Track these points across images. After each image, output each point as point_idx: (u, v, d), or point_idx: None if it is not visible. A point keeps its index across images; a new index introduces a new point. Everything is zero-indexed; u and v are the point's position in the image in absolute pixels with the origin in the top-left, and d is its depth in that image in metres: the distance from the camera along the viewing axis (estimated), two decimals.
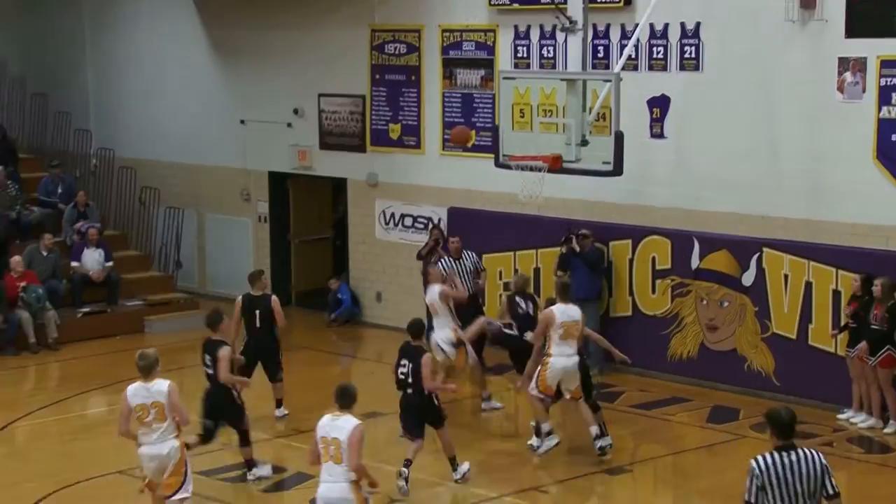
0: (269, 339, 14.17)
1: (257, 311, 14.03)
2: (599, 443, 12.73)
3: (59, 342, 17.97)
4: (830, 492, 7.92)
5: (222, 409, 12.25)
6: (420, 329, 12.29)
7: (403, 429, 12.35)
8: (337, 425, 9.51)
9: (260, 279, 14.32)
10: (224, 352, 12.11)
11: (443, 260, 15.88)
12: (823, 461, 7.92)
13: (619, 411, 14.67)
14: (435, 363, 12.82)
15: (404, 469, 11.91)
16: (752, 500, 7.87)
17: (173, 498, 10.22)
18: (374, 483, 9.75)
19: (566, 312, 12.73)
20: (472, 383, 15.02)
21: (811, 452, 7.91)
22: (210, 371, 12.24)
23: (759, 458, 7.86)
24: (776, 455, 7.84)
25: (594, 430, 12.73)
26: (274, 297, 14.24)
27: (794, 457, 7.82)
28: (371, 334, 18.84)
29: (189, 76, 21.20)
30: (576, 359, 12.72)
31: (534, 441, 13.12)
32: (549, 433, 12.84)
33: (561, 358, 12.65)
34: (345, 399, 9.60)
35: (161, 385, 10.15)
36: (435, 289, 14.29)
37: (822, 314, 14.50)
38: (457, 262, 15.77)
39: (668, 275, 15.67)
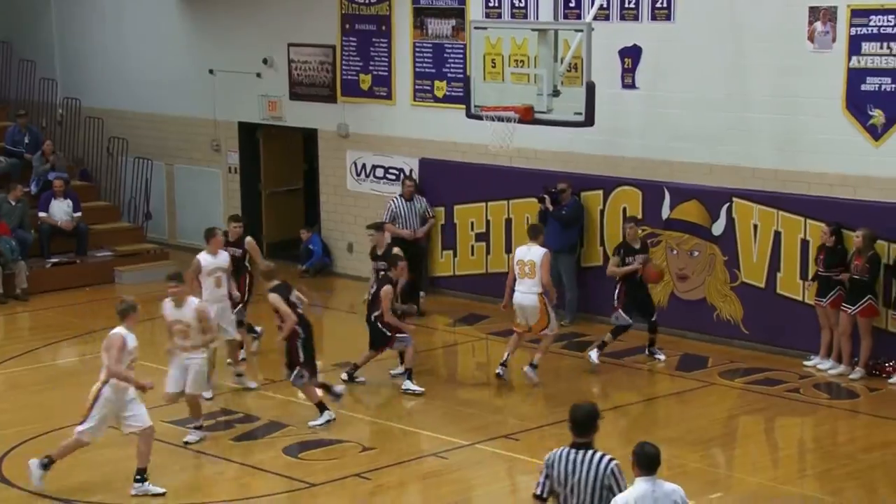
0: None
1: None
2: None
3: (29, 293, 18.01)
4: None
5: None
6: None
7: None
8: (531, 252, 13.43)
9: None
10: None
11: (393, 200, 17.14)
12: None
13: None
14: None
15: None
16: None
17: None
18: (552, 297, 13.66)
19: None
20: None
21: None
22: None
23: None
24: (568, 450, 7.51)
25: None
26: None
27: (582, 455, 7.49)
28: (342, 285, 18.98)
29: (156, 24, 21.13)
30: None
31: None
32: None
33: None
34: (535, 232, 13.70)
35: None
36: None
37: (790, 263, 14.75)
38: (408, 202, 17.09)
39: (639, 225, 15.84)
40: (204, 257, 13.73)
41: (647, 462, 7.37)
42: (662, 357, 14.75)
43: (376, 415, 13.31)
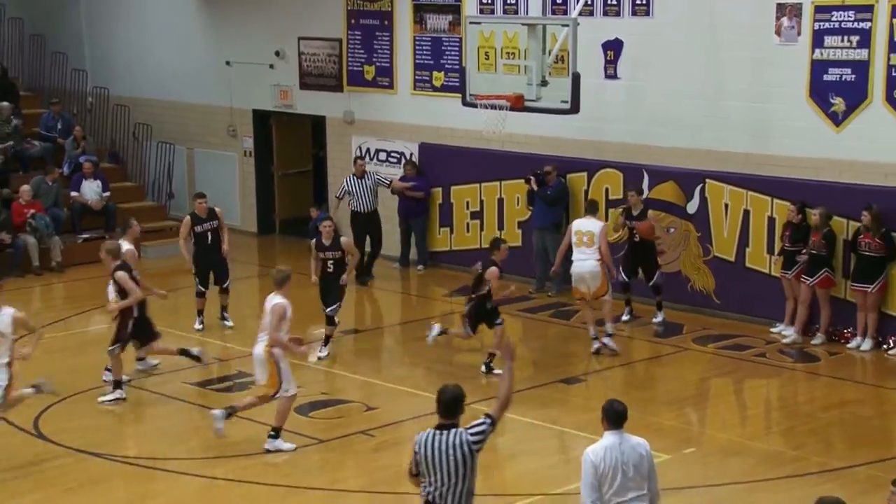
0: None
1: None
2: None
3: (62, 265, 18.19)
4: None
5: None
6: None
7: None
8: (589, 223, 13.82)
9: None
10: None
11: (347, 179, 17.30)
12: None
13: (575, 328, 15.06)
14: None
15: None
16: None
17: None
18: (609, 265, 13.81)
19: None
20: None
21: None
22: None
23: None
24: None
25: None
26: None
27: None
28: None
29: (177, 20, 21.22)
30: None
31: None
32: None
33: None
34: (594, 208, 14.19)
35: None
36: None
37: (758, 239, 14.91)
38: (360, 180, 17.23)
39: (621, 204, 15.96)
40: (130, 247, 13.00)
41: (615, 417, 7.50)
42: (658, 319, 14.99)
43: (378, 377, 13.48)
